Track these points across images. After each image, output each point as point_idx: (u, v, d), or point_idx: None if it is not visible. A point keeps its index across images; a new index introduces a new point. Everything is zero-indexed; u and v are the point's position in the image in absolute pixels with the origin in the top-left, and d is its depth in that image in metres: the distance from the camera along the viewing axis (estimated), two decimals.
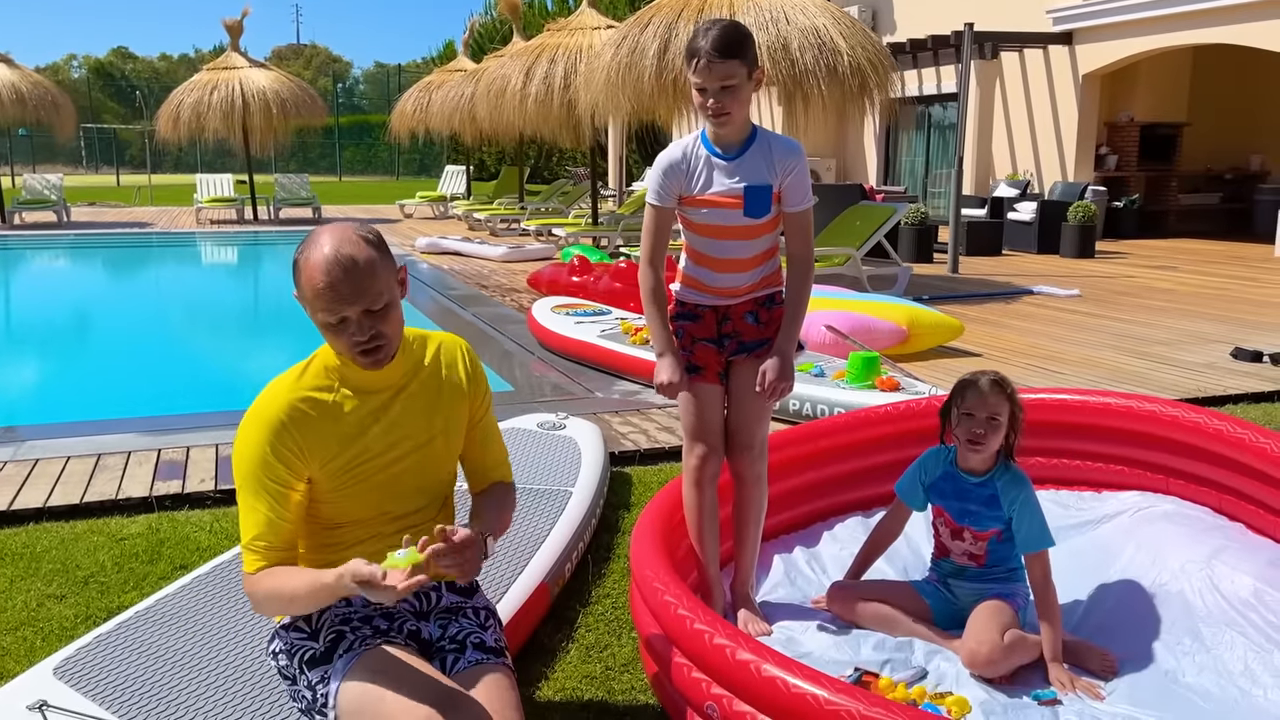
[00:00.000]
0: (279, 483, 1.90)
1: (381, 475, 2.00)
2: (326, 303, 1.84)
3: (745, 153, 2.56)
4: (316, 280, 1.83)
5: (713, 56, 2.40)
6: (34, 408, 5.86)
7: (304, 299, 1.88)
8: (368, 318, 1.87)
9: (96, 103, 52.15)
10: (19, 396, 6.19)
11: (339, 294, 1.83)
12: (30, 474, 3.82)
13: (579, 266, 8.20)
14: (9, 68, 15.47)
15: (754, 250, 2.63)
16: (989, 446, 2.59)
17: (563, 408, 4.87)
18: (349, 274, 1.83)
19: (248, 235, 15.68)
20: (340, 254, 1.83)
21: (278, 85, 16.97)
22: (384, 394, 2.02)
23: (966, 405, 2.59)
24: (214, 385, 6.38)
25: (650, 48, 8.45)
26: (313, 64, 70.26)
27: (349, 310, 1.85)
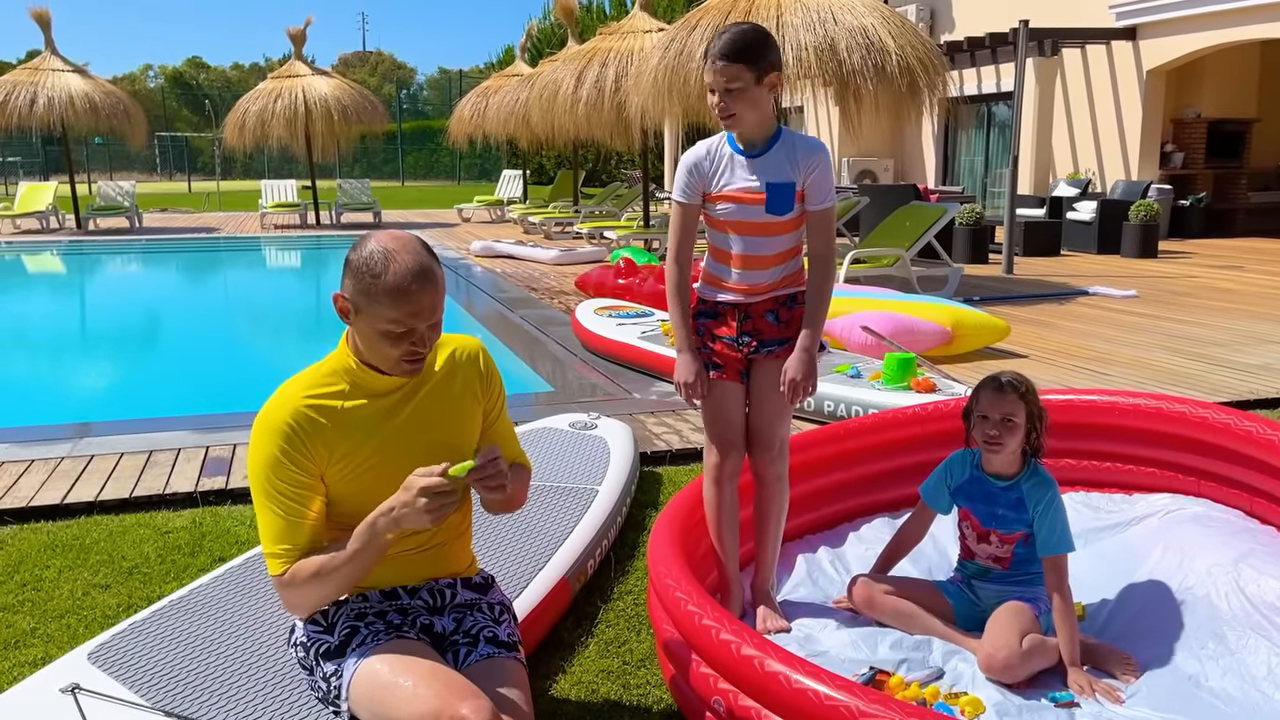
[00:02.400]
0: (294, 484, 1.94)
1: (396, 474, 2.04)
2: (405, 313, 1.87)
3: (768, 151, 2.61)
4: (400, 288, 1.85)
5: (719, 59, 2.48)
6: (97, 405, 6.09)
7: (369, 303, 1.88)
8: (430, 331, 1.94)
9: (170, 111, 53.68)
10: (83, 394, 6.43)
11: (419, 305, 1.88)
12: (85, 469, 3.98)
13: (624, 269, 8.26)
14: (83, 78, 16.03)
15: (776, 248, 2.66)
16: (1006, 448, 2.57)
17: (599, 408, 4.92)
18: (427, 287, 1.88)
19: (310, 240, 16.04)
20: (423, 266, 1.88)
21: (339, 92, 17.33)
22: (395, 395, 2.06)
23: (981, 407, 2.59)
24: (267, 384, 6.55)
25: (698, 50, 8.47)
26: (378, 71, 71.50)
27: (421, 322, 1.90)
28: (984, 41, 14.67)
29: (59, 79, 15.70)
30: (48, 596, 2.93)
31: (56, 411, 5.83)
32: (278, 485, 1.94)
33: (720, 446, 2.73)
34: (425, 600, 2.14)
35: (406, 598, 2.12)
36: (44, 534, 3.39)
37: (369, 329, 1.93)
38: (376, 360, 1.99)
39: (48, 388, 6.68)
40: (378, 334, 1.93)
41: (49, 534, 3.38)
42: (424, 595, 2.14)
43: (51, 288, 12.17)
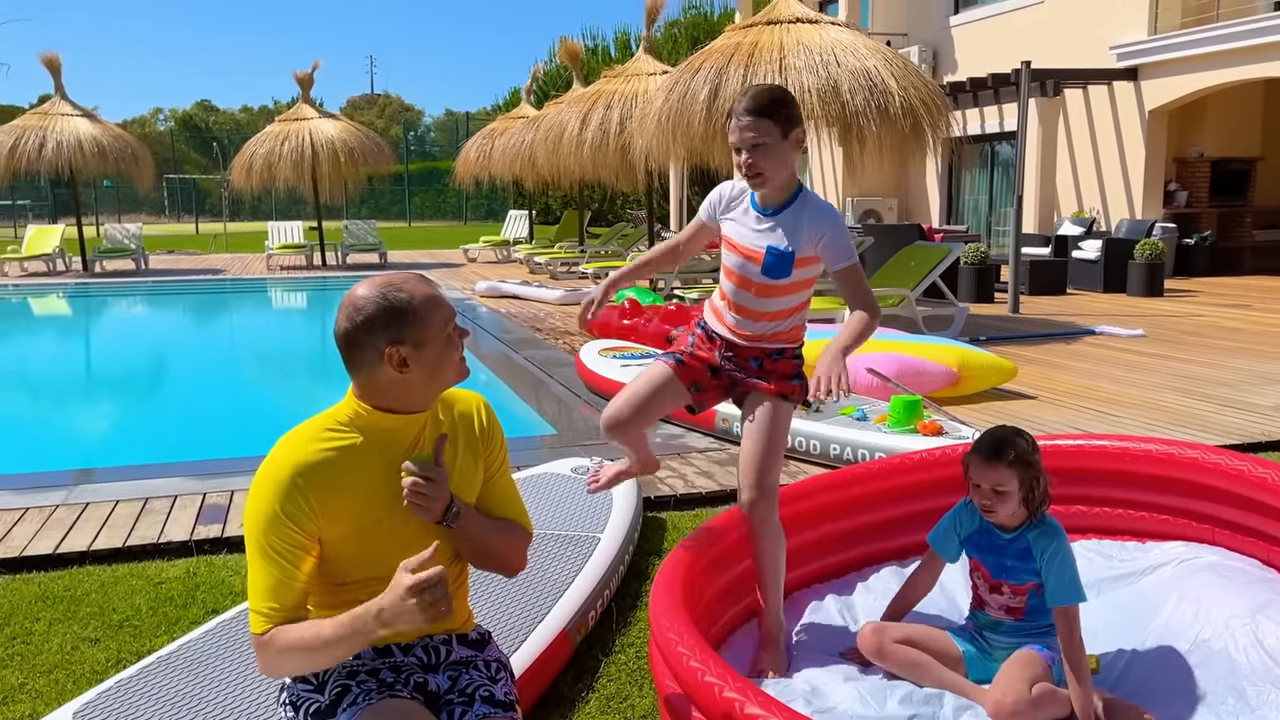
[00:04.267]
0: (290, 543, 1.88)
1: (393, 531, 1.99)
2: (447, 314, 1.97)
3: (782, 212, 2.63)
4: (431, 295, 1.96)
5: (745, 115, 2.50)
6: (96, 450, 6.04)
7: (420, 326, 1.93)
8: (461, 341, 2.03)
9: (179, 154, 54.19)
10: (82, 439, 6.38)
11: (450, 310, 1.99)
12: (79, 518, 3.92)
13: (629, 309, 8.23)
14: (92, 123, 16.18)
15: (770, 306, 2.67)
16: (999, 515, 2.52)
17: (602, 452, 4.87)
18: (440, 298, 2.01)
19: (315, 281, 16.07)
20: (432, 289, 2.00)
21: (346, 134, 17.46)
22: (399, 448, 2.02)
23: (971, 474, 2.53)
24: (269, 428, 6.51)
25: (701, 93, 8.52)
26: (386, 113, 72.28)
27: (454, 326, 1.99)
28: (986, 82, 14.74)
29: (68, 123, 15.85)
30: (36, 650, 2.87)
31: (55, 456, 5.78)
32: (273, 542, 1.88)
33: (614, 403, 2.73)
34: (419, 657, 2.07)
35: (400, 654, 2.06)
36: (35, 585, 3.33)
37: (431, 353, 1.94)
38: (437, 383, 1.99)
39: (47, 432, 6.64)
40: (441, 347, 1.95)
41: (40, 585, 3.32)
42: (418, 652, 2.08)
43: (55, 331, 12.18)
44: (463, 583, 2.19)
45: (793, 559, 3.18)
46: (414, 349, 1.93)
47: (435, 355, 1.96)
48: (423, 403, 2.01)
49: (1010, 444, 2.49)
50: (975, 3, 17.72)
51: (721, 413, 5.04)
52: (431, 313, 1.95)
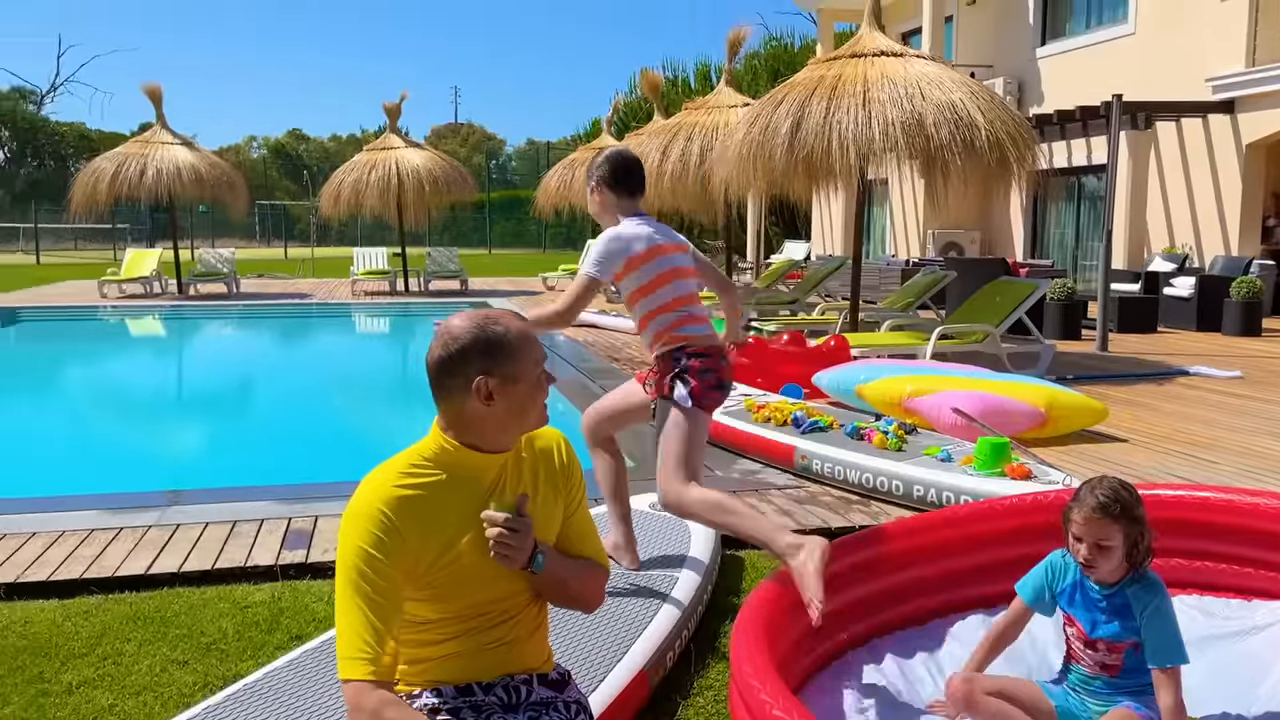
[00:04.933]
0: (382, 579, 1.88)
1: (474, 569, 2.00)
2: (539, 355, 2.01)
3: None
4: (525, 334, 1.99)
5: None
6: (187, 470, 6.21)
7: (511, 362, 1.96)
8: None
9: (271, 181, 55.99)
10: (175, 459, 6.57)
11: (541, 351, 2.02)
12: (171, 539, 4.02)
13: None
14: (190, 151, 16.80)
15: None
16: (1100, 570, 2.42)
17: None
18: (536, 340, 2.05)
19: (398, 307, 16.39)
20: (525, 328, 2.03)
21: (430, 164, 17.83)
22: (483, 485, 2.03)
23: (1074, 527, 2.44)
24: (351, 454, 6.63)
25: (783, 125, 8.50)
26: (469, 141, 73.70)
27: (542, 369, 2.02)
28: (1074, 114, 14.46)
29: (168, 151, 16.47)
30: (127, 671, 2.94)
31: (148, 476, 5.96)
32: (368, 576, 1.88)
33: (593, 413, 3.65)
34: (500, 697, 2.06)
35: (481, 694, 2.05)
36: (127, 605, 3.42)
37: (518, 391, 1.97)
38: (520, 422, 2.01)
39: (141, 451, 6.86)
40: (529, 387, 1.98)
41: (132, 605, 3.41)
42: (499, 691, 2.07)
43: (151, 353, 12.61)
44: (542, 622, 2.18)
45: (876, 604, 3.11)
46: (502, 383, 1.95)
47: (522, 393, 1.98)
48: (505, 442, 2.02)
49: (1116, 498, 2.39)
50: (1063, 34, 17.42)
51: (800, 449, 4.98)
52: (524, 350, 1.98)
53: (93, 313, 15.28)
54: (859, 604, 3.05)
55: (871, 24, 9.15)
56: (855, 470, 4.65)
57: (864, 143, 8.09)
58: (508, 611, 2.11)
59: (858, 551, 3.05)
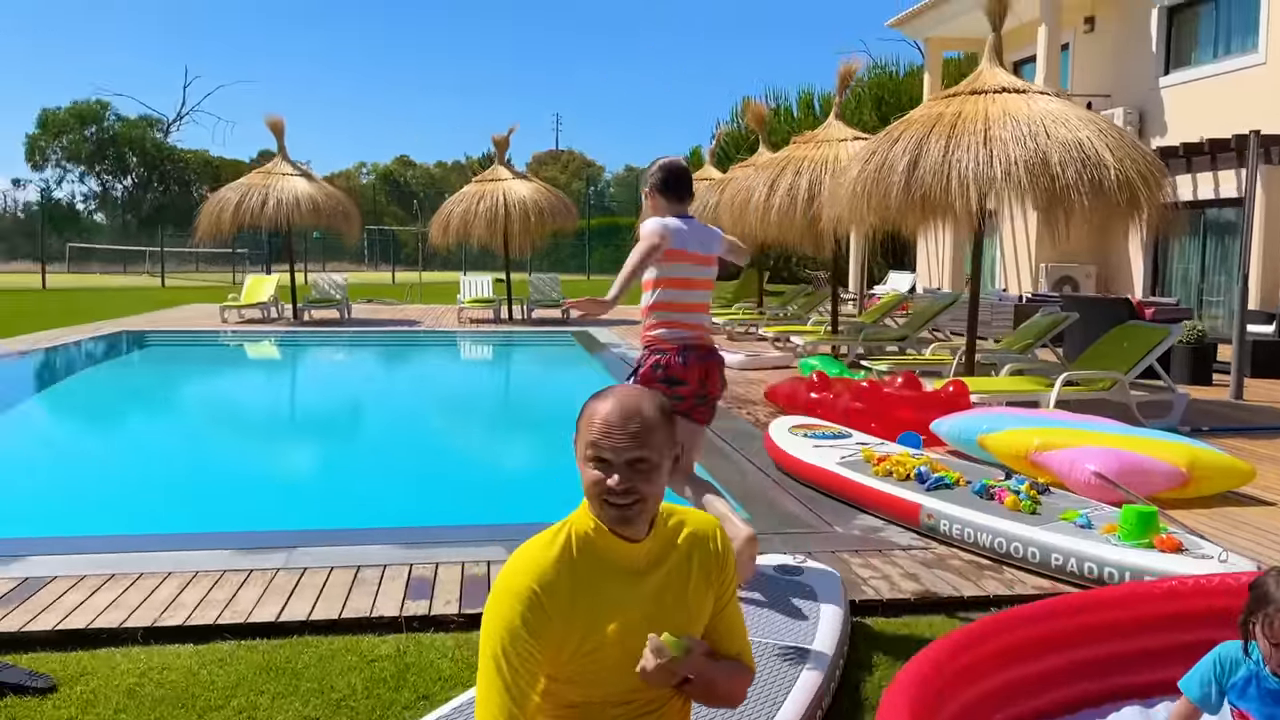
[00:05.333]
0: (526, 659, 1.86)
1: (621, 658, 1.95)
2: (596, 435, 1.90)
3: None
4: (594, 415, 1.92)
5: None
6: (309, 504, 6.33)
7: (578, 437, 1.95)
8: (630, 470, 1.89)
9: (379, 206, 57.67)
10: (297, 491, 6.70)
11: (610, 432, 1.89)
12: (298, 584, 4.08)
13: (818, 383, 8.06)
14: (309, 182, 17.38)
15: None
16: None
17: (799, 542, 4.71)
18: (626, 419, 1.90)
19: (502, 335, 16.62)
20: (625, 402, 1.93)
21: (536, 195, 18.08)
22: (633, 572, 1.98)
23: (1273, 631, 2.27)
24: (466, 493, 6.67)
25: (900, 163, 8.33)
26: (569, 168, 74.75)
27: (613, 454, 1.89)
28: (1203, 147, 13.84)
29: (288, 182, 17.08)
30: None
31: (271, 510, 6.10)
32: (510, 657, 1.86)
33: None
34: None
35: None
36: (260, 654, 3.46)
37: (580, 463, 1.95)
38: (593, 513, 1.96)
39: (263, 480, 7.03)
40: (581, 465, 1.94)
41: (264, 654, 3.45)
42: None
43: (269, 383, 13.01)
44: (686, 715, 2.13)
45: (1021, 691, 2.94)
46: (576, 452, 1.97)
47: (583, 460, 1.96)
48: (592, 507, 1.96)
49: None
50: (1189, 63, 16.77)
51: (926, 508, 4.81)
52: (582, 425, 1.96)
53: (214, 338, 15.87)
54: (1010, 687, 2.89)
55: (993, 60, 8.93)
56: (987, 534, 4.46)
57: (985, 182, 7.87)
58: (653, 702, 2.05)
59: (1014, 630, 2.90)
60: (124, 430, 9.34)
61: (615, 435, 1.91)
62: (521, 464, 7.80)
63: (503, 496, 6.52)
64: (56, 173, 57.39)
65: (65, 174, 57.60)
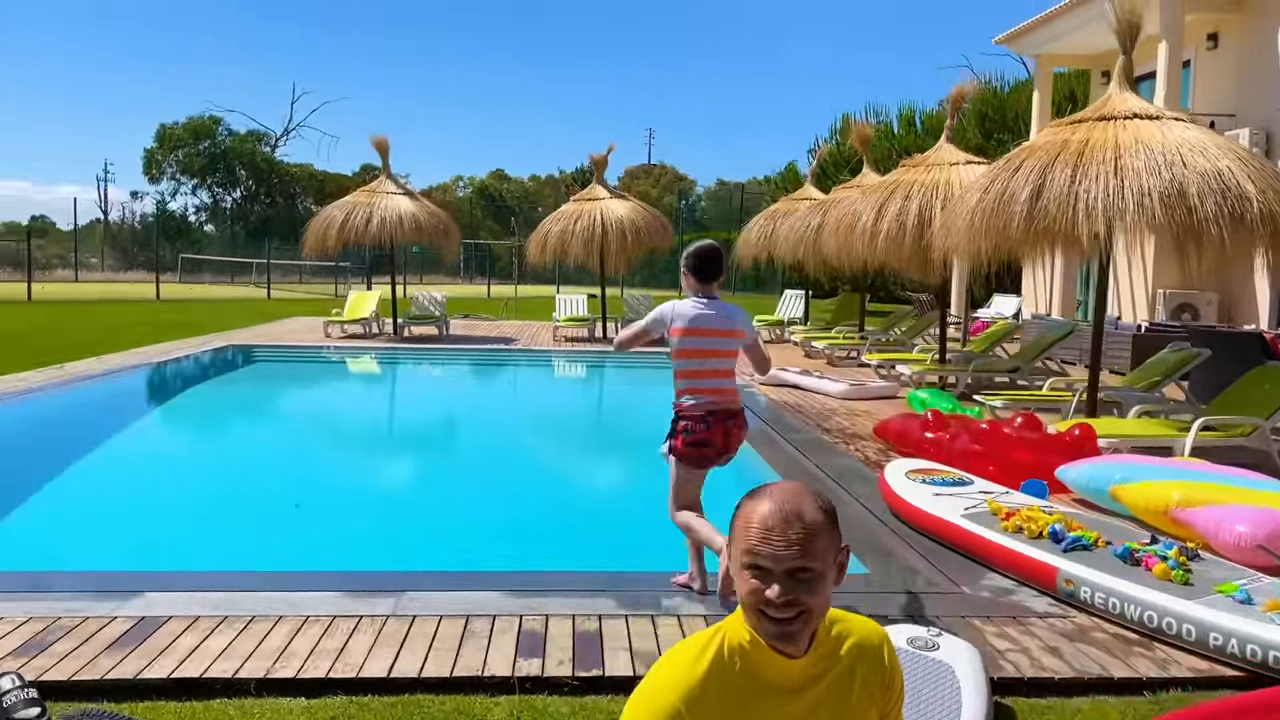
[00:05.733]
0: None
1: None
2: (754, 541, 1.74)
3: None
4: (750, 519, 1.77)
5: None
6: (417, 537, 6.26)
7: (731, 539, 1.81)
8: (791, 580, 1.72)
9: (475, 220, 58.59)
10: (401, 526, 6.63)
11: (769, 538, 1.73)
12: (408, 634, 3.99)
13: (932, 421, 7.73)
14: (411, 201, 17.65)
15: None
16: None
17: (925, 605, 4.45)
18: (788, 523, 1.74)
19: (598, 356, 16.57)
20: (786, 505, 1.76)
21: (634, 214, 18.03)
22: (791, 689, 1.81)
23: None
24: (570, 528, 6.54)
25: (1022, 193, 7.97)
26: (660, 182, 74.84)
27: (773, 563, 1.73)
28: None
29: (391, 201, 17.35)
30: None
31: (378, 545, 6.06)
32: None
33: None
34: None
35: None
36: (371, 713, 3.37)
37: (734, 571, 1.80)
38: (748, 624, 1.80)
39: (367, 509, 7.02)
40: (736, 574, 1.79)
41: (377, 714, 3.36)
42: None
43: (371, 403, 13.17)
44: None
45: None
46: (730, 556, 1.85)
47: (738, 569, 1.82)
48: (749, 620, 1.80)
49: None
50: None
51: (1064, 572, 4.49)
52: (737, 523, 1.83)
53: (318, 353, 16.18)
54: None
55: (1122, 84, 8.50)
56: (1135, 606, 4.13)
57: (1115, 214, 7.47)
58: None
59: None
60: (230, 453, 9.49)
61: (775, 542, 1.74)
62: (625, 498, 7.66)
63: (609, 535, 6.37)
64: (171, 185, 59.82)
65: (179, 187, 59.98)
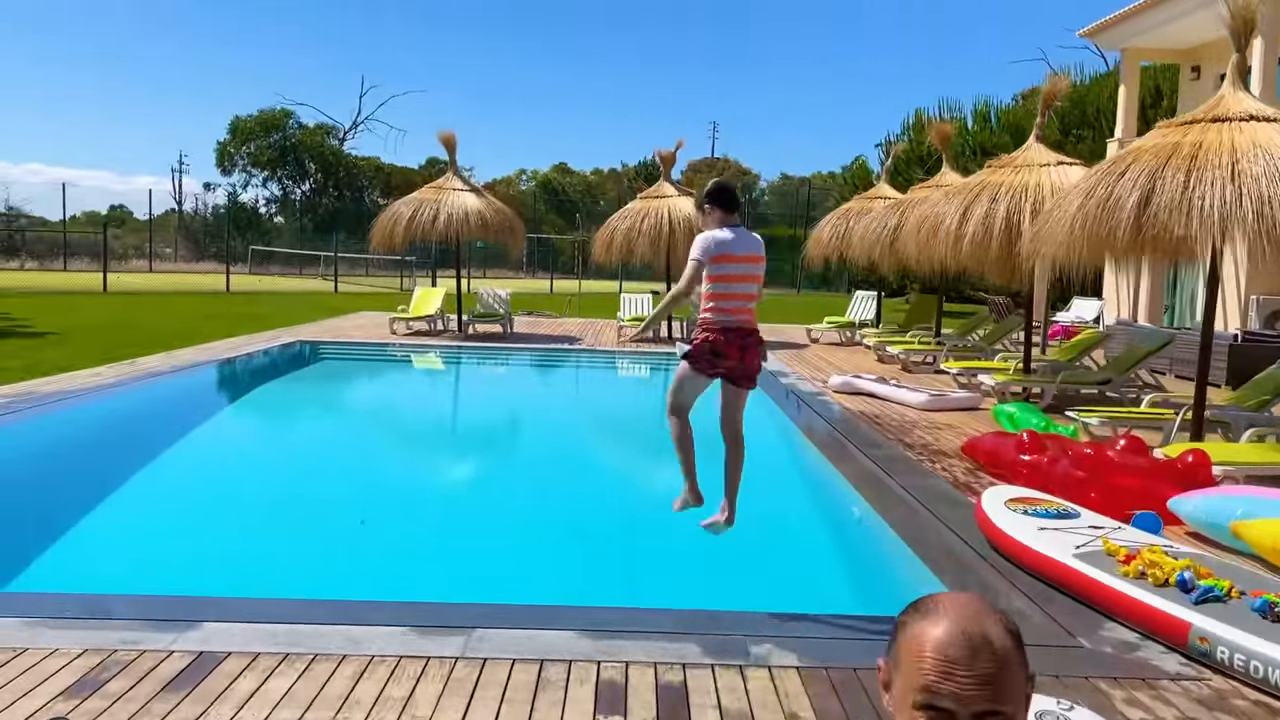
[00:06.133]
0: None
1: None
2: (932, 675, 1.42)
3: None
4: (923, 645, 1.43)
5: None
6: (484, 562, 6.00)
7: (895, 666, 1.48)
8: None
9: (538, 214, 58.65)
10: (467, 548, 6.35)
11: (953, 674, 1.41)
12: (478, 681, 3.71)
13: (1029, 442, 7.26)
14: (478, 198, 17.50)
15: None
16: None
17: (1041, 660, 4.04)
18: (975, 654, 1.41)
19: (662, 357, 16.26)
20: (970, 630, 1.42)
21: None
22: None
23: None
24: (647, 560, 6.20)
25: (1129, 199, 7.46)
26: (724, 176, 74.18)
27: (956, 704, 1.41)
28: None
29: (458, 198, 17.22)
30: None
31: (443, 568, 5.80)
32: None
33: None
34: None
35: None
36: None
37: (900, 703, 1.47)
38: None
39: (432, 527, 6.78)
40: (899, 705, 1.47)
41: None
42: None
43: (437, 408, 13.02)
44: None
45: None
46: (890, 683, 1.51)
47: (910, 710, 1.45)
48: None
49: None
50: None
51: (1197, 628, 4.05)
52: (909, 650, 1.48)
53: (384, 350, 16.10)
54: None
55: (1236, 84, 7.92)
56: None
57: (1235, 222, 6.93)
58: None
59: None
60: (293, 460, 9.32)
61: (961, 678, 1.40)
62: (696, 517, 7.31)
63: (686, 564, 6.03)
64: (242, 177, 60.83)
65: (250, 179, 60.96)
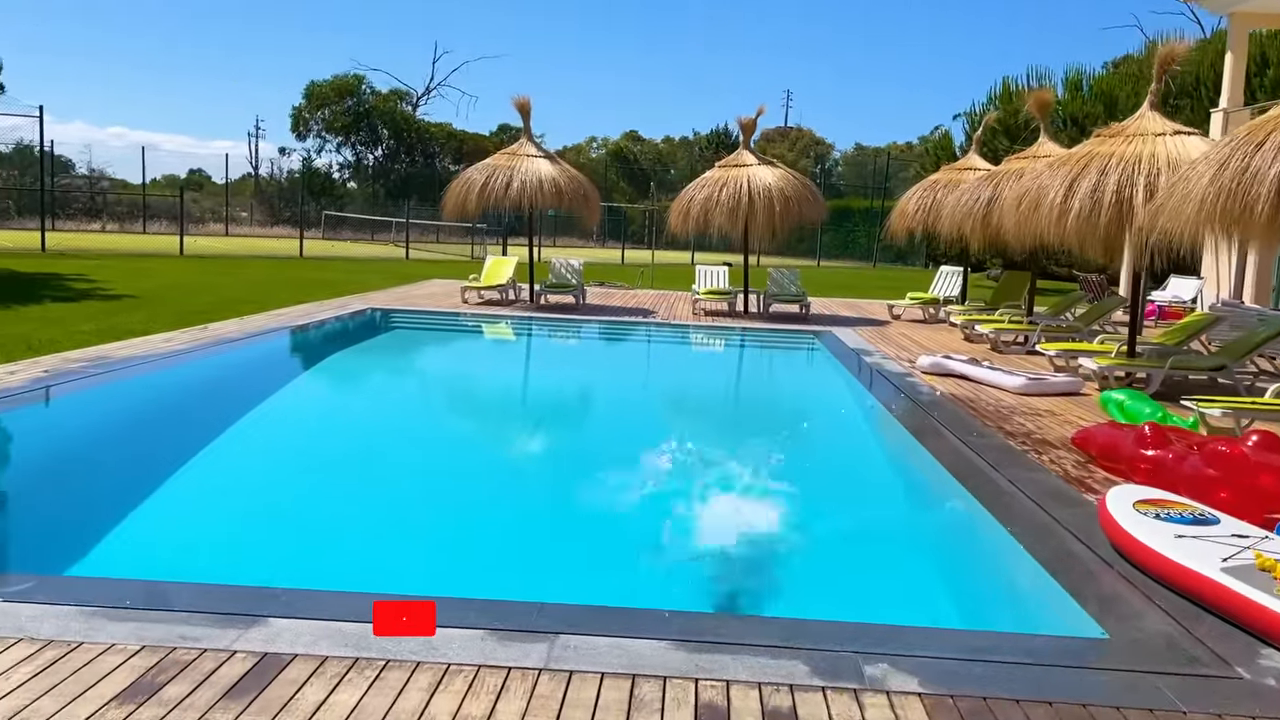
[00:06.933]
0: None
1: None
2: None
3: None
4: None
5: None
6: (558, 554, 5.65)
7: None
8: None
9: (609, 183, 58.21)
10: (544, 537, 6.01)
11: None
12: (564, 698, 3.35)
13: (1151, 436, 6.67)
14: (552, 164, 17.09)
15: None
16: None
17: (1190, 694, 3.55)
18: None
19: (743, 333, 15.79)
20: None
21: (783, 184, 17.04)
22: None
23: None
24: (741, 556, 5.81)
25: (1270, 172, 6.78)
26: (796, 146, 72.83)
27: None
28: None
29: (532, 164, 16.84)
30: None
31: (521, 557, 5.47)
32: None
33: None
34: None
35: None
36: None
37: None
38: None
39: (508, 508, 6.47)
40: None
41: None
42: None
43: (509, 387, 12.70)
44: None
45: None
46: None
47: None
48: None
49: None
50: None
51: None
52: None
53: (455, 319, 15.88)
54: None
55: None
56: None
57: None
58: None
59: None
60: (362, 434, 9.04)
61: None
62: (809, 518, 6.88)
63: (787, 564, 5.62)
64: (317, 142, 61.34)
65: (324, 144, 61.45)
